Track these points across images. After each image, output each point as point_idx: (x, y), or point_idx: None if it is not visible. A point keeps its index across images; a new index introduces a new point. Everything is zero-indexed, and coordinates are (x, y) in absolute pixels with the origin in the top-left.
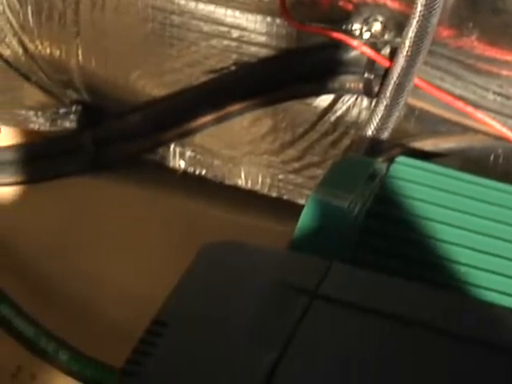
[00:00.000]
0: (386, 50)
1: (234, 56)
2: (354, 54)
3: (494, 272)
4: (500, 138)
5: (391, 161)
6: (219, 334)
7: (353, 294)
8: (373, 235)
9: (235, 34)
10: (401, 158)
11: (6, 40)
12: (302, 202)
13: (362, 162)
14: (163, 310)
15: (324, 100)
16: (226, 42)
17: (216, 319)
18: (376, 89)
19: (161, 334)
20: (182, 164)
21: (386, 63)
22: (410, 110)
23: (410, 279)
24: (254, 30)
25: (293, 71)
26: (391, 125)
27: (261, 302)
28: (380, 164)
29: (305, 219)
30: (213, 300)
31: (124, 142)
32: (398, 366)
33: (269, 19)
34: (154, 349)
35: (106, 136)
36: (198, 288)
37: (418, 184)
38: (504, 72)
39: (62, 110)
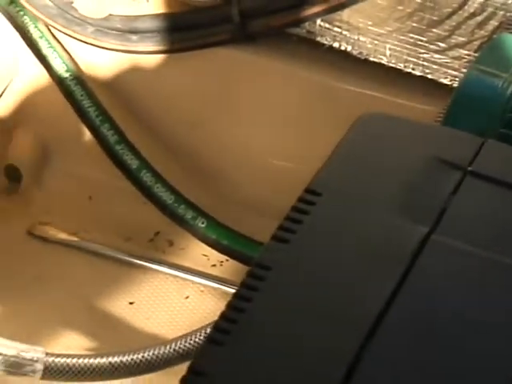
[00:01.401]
0: None
1: None
2: None
3: None
4: None
5: None
6: (371, 205)
7: (506, 172)
8: None
9: None
10: None
11: None
12: (445, 81)
13: None
14: (317, 179)
15: None
16: None
17: (368, 190)
18: None
19: (313, 203)
20: (327, 39)
21: None
22: None
23: None
24: None
25: None
26: None
27: (412, 175)
28: None
29: (458, 96)
30: (366, 172)
31: (270, 14)
32: None
33: None
34: (306, 216)
35: (253, 8)
36: (352, 159)
37: None
38: None
39: None
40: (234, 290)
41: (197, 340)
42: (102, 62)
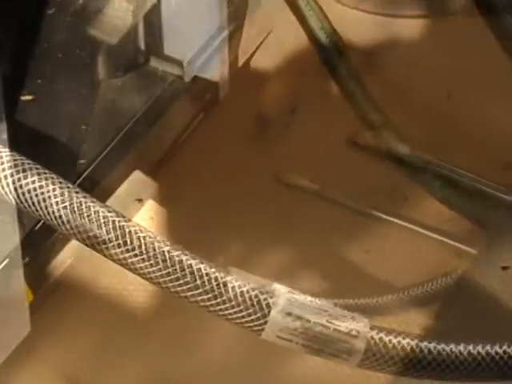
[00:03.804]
0: None
1: None
2: None
3: None
4: None
5: None
6: None
7: None
8: None
9: None
10: None
11: None
12: None
13: None
14: None
15: None
16: None
17: None
18: None
19: None
20: None
21: None
22: None
23: None
24: None
25: None
26: None
27: None
28: None
29: None
30: None
31: None
32: None
33: None
34: None
35: None
36: None
37: None
38: None
39: None
40: (461, 245)
41: (428, 290)
42: (358, 25)
